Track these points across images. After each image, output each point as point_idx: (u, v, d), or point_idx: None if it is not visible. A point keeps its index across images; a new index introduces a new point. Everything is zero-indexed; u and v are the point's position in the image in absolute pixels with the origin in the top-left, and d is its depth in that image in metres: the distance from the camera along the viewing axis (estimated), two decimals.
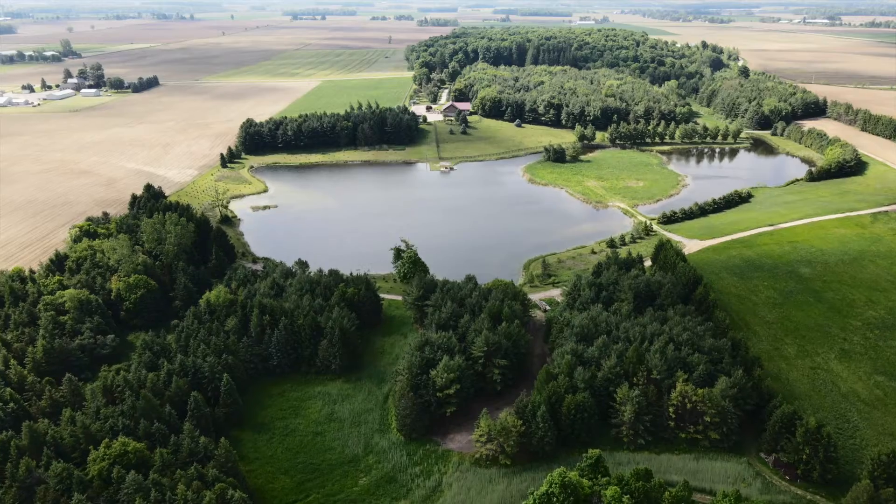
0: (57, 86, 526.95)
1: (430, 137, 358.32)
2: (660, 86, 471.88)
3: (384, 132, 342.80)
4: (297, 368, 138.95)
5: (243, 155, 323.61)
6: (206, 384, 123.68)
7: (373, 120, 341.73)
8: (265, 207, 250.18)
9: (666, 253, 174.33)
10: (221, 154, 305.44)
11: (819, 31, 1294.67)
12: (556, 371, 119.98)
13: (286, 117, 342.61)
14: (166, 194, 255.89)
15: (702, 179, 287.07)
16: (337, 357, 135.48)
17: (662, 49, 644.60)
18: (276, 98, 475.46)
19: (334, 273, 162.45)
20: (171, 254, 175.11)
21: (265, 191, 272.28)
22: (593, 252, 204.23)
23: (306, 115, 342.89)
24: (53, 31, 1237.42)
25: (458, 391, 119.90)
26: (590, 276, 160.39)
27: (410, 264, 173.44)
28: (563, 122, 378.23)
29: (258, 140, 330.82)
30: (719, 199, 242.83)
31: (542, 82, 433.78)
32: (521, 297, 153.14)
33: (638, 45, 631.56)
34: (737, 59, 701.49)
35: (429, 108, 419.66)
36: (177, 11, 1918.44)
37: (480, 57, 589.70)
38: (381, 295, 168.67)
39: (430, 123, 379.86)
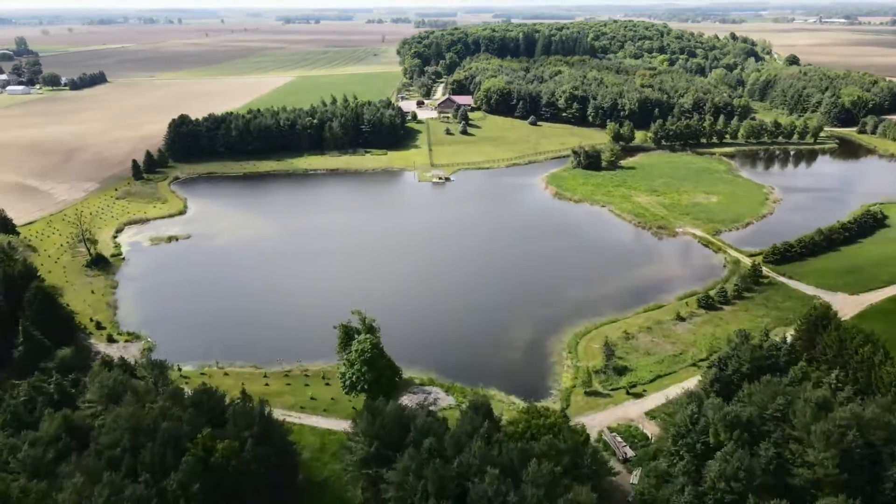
0: None
1: (420, 139, 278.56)
2: (703, 76, 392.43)
3: (360, 132, 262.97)
4: None
5: (170, 162, 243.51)
6: None
7: (345, 116, 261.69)
8: (171, 239, 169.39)
9: (843, 338, 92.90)
10: (134, 161, 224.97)
11: (840, 29, 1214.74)
12: None
13: (231, 113, 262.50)
14: (34, 219, 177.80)
15: (795, 193, 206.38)
16: None
17: (690, 40, 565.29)
18: (237, 96, 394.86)
19: (207, 395, 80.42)
20: None
21: (182, 212, 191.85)
22: (680, 318, 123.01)
23: (257, 111, 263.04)
24: (27, 33, 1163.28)
25: None
26: (718, 401, 78.49)
27: (363, 365, 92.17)
28: (590, 118, 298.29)
29: (192, 142, 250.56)
30: (848, 222, 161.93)
31: (560, 72, 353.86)
32: (593, 466, 70.86)
33: (663, 36, 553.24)
34: (770, 52, 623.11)
35: (420, 104, 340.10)
36: (166, 16, 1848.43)
37: (483, 49, 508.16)
38: (312, 421, 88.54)
39: (421, 122, 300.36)
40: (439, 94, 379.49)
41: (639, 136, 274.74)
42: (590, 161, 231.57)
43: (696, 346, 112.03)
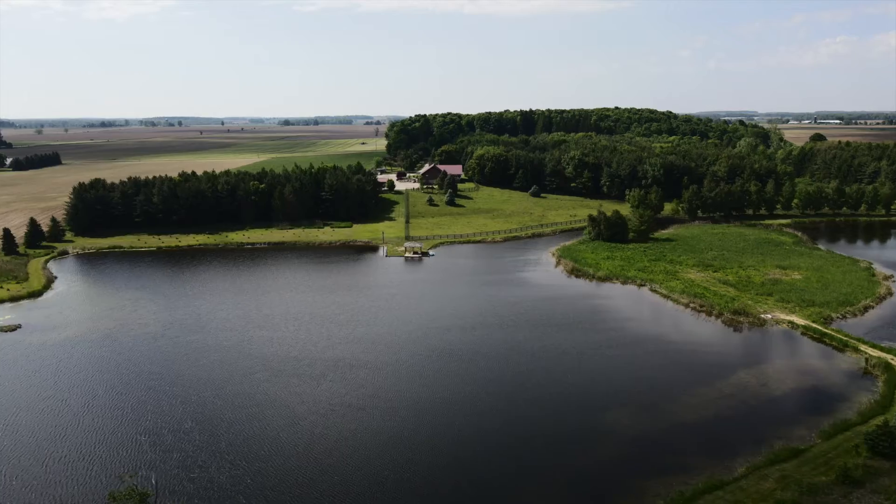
0: None
1: (397, 210, 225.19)
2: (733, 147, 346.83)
3: (320, 201, 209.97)
4: None
5: (69, 235, 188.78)
6: None
7: (300, 181, 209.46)
8: None
9: None
10: (6, 231, 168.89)
11: (840, 127, 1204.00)
12: None
13: (155, 176, 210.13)
14: None
15: None
16: None
17: (699, 123, 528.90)
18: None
19: None
20: None
21: (35, 294, 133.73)
22: (849, 478, 61.39)
23: (189, 174, 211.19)
24: (23, 133, 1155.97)
25: None
26: None
27: None
28: (605, 188, 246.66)
29: (102, 212, 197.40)
30: None
31: (565, 141, 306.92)
32: None
33: (670, 119, 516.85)
34: (783, 139, 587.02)
35: (401, 175, 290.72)
36: (167, 121, 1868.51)
37: (478, 130, 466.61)
38: None
39: (399, 192, 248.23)
40: (425, 169, 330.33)
41: (666, 207, 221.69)
42: (613, 231, 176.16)
43: None
